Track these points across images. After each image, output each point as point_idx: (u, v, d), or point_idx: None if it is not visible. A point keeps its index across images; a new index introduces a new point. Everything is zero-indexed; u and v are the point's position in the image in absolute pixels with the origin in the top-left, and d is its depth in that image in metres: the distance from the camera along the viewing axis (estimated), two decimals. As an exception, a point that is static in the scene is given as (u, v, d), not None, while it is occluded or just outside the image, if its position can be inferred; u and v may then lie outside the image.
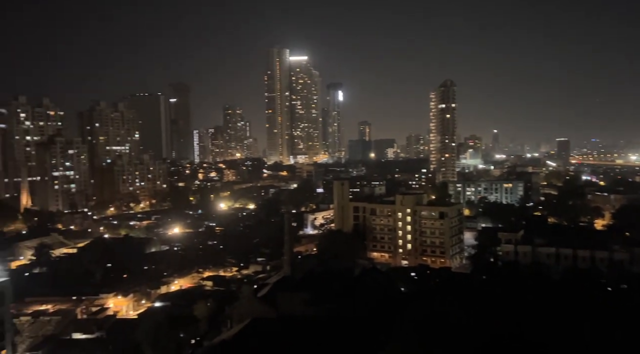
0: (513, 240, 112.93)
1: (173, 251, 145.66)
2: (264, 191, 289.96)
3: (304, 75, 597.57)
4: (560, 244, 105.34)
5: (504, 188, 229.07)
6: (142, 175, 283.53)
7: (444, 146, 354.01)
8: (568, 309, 57.54)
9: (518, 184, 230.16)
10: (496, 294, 68.15)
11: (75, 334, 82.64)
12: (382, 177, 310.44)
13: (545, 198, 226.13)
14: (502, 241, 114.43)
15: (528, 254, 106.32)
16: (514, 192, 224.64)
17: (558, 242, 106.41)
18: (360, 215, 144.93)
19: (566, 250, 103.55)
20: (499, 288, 73.43)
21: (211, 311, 78.62)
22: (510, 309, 58.21)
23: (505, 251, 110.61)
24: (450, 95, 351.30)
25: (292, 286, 78.70)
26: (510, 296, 64.79)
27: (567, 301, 62.47)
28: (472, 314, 56.20)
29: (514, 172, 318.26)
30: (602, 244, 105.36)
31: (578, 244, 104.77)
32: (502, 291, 69.82)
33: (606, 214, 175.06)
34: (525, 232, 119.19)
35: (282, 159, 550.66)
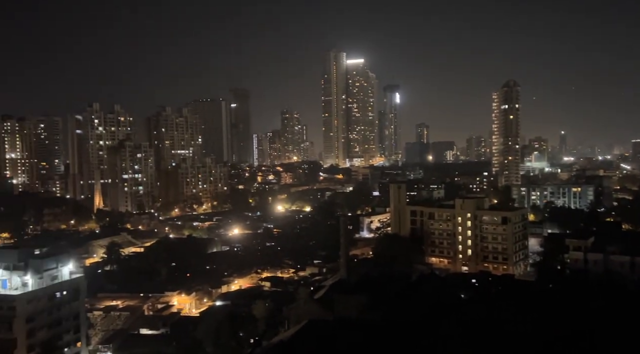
0: (582, 247, 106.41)
1: (233, 251, 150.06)
2: (320, 194, 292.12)
3: (361, 78, 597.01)
4: (635, 252, 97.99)
5: (572, 192, 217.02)
6: (205, 178, 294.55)
7: (507, 148, 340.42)
8: None
9: (588, 188, 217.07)
10: (563, 303, 64.69)
11: (143, 330, 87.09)
12: (440, 180, 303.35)
13: (619, 203, 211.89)
14: (570, 248, 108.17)
15: (599, 262, 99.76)
16: (584, 196, 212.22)
17: (633, 250, 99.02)
18: (417, 219, 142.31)
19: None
20: (567, 296, 69.63)
21: (269, 311, 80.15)
22: (579, 319, 55.09)
23: (574, 259, 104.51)
24: (514, 95, 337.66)
25: (348, 289, 78.77)
26: (579, 306, 61.31)
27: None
28: (535, 322, 53.74)
29: (583, 175, 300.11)
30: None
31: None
32: (570, 300, 66.16)
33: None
34: (595, 240, 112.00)
35: (338, 162, 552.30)
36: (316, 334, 58.25)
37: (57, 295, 72.45)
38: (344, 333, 56.34)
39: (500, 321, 54.63)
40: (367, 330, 55.76)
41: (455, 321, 54.89)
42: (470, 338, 51.08)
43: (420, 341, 51.65)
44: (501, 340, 48.69)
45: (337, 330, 57.75)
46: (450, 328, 53.00)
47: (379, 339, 53.39)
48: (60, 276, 74.18)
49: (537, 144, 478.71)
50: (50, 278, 72.63)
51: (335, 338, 55.72)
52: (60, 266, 74.91)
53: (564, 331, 51.02)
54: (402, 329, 55.12)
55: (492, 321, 55.09)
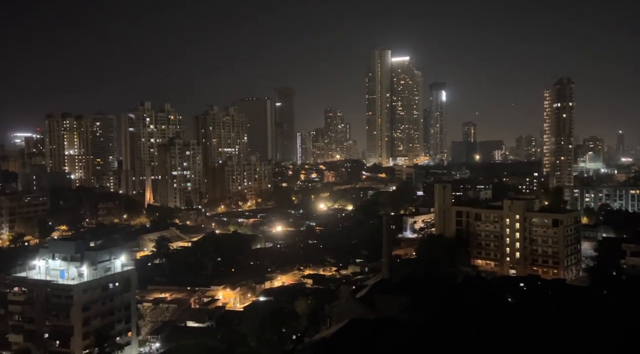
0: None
1: (276, 248, 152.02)
2: (362, 193, 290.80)
3: (406, 76, 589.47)
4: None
5: (630, 195, 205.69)
6: (250, 175, 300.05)
7: (559, 148, 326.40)
8: None
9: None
10: (619, 309, 61.44)
11: (189, 322, 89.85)
12: (488, 180, 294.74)
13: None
14: (628, 253, 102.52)
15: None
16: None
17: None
18: (463, 220, 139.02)
19: None
20: (623, 303, 66.07)
21: (311, 308, 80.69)
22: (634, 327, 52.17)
23: (631, 265, 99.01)
24: (567, 93, 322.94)
25: (390, 289, 78.06)
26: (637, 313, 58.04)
27: None
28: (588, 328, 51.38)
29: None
30: None
31: None
32: (627, 307, 62.73)
33: None
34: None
35: (381, 161, 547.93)
36: (357, 333, 58.16)
37: (110, 286, 76.08)
38: (386, 332, 55.94)
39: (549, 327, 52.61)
40: (409, 331, 55.12)
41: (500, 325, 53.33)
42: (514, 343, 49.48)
43: (462, 345, 50.52)
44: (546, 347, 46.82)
45: (378, 330, 57.41)
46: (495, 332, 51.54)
47: (421, 340, 52.65)
48: (113, 268, 77.79)
49: (592, 144, 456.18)
50: (103, 269, 76.32)
51: (377, 337, 55.43)
52: (113, 258, 78.54)
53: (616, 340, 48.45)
54: (444, 331, 54.12)
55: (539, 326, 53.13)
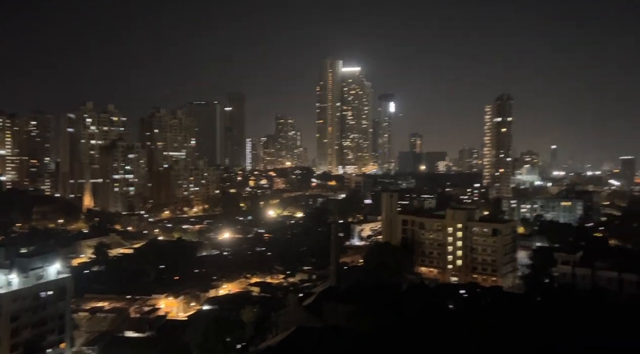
0: (571, 262, 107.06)
1: (222, 255, 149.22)
2: (312, 200, 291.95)
3: (356, 86, 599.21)
4: (623, 268, 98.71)
5: (562, 206, 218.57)
6: (197, 180, 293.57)
7: (499, 161, 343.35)
8: (629, 336, 53.94)
9: (577, 203, 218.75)
10: (551, 317, 64.95)
11: (128, 332, 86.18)
12: (432, 190, 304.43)
13: (607, 219, 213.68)
14: (559, 262, 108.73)
15: (587, 277, 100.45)
16: (573, 211, 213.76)
17: (621, 266, 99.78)
18: (408, 228, 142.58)
19: (630, 275, 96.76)
20: (555, 310, 69.94)
21: (257, 316, 79.65)
22: (567, 333, 55.36)
23: (562, 273, 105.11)
24: (507, 108, 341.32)
25: (338, 297, 78.60)
26: (567, 320, 61.60)
27: (628, 328, 58.60)
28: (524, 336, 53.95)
29: (573, 190, 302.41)
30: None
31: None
32: (558, 314, 66.45)
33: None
34: (584, 254, 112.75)
35: (331, 169, 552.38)
36: (304, 341, 57.99)
37: (42, 295, 71.66)
38: (332, 340, 56.14)
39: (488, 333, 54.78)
40: (355, 338, 55.61)
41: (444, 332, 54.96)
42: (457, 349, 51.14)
43: (407, 351, 51.58)
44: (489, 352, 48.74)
45: (325, 338, 57.51)
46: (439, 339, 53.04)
47: (367, 348, 53.25)
48: (46, 276, 73.40)
49: (529, 157, 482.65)
50: (36, 277, 71.84)
51: (323, 345, 55.48)
52: (47, 265, 74.11)
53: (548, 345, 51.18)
54: (390, 338, 55.03)
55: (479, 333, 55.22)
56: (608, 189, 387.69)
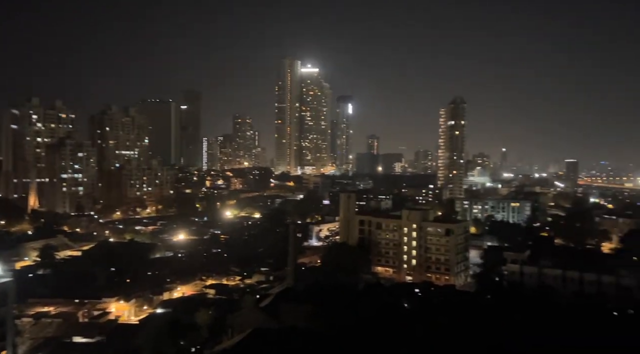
0: (519, 260, 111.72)
1: (177, 257, 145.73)
2: (270, 201, 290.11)
3: (315, 87, 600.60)
4: (567, 266, 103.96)
5: (511, 207, 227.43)
6: (150, 180, 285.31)
7: (452, 163, 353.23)
8: (572, 333, 56.72)
9: (525, 204, 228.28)
10: (500, 315, 67.33)
11: (76, 338, 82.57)
12: (389, 191, 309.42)
13: (553, 219, 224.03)
14: (508, 260, 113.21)
15: (534, 275, 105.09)
16: (521, 211, 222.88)
17: (565, 264, 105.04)
18: (366, 228, 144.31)
19: (573, 273, 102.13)
20: (504, 308, 72.57)
21: (213, 319, 78.27)
22: (514, 330, 57.50)
23: (511, 271, 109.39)
24: (460, 112, 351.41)
25: (295, 298, 78.37)
26: (515, 318, 64.00)
27: (572, 325, 61.61)
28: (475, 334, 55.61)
29: (522, 191, 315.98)
30: (609, 268, 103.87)
31: (585, 267, 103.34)
32: (507, 312, 68.97)
33: (614, 237, 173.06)
34: (531, 253, 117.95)
35: (289, 170, 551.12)
36: (260, 342, 57.44)
37: (-19, 300, 67.37)
38: (289, 341, 55.90)
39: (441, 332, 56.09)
40: (312, 339, 55.60)
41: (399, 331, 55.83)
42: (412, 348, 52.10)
43: (365, 351, 52.06)
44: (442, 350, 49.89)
45: (281, 339, 57.19)
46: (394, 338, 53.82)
47: (324, 348, 53.35)
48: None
49: (480, 159, 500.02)
50: (-26, 281, 67.54)
51: (280, 346, 55.15)
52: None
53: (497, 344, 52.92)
54: (347, 338, 55.38)
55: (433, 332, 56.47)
56: (554, 191, 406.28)
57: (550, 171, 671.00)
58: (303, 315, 64.14)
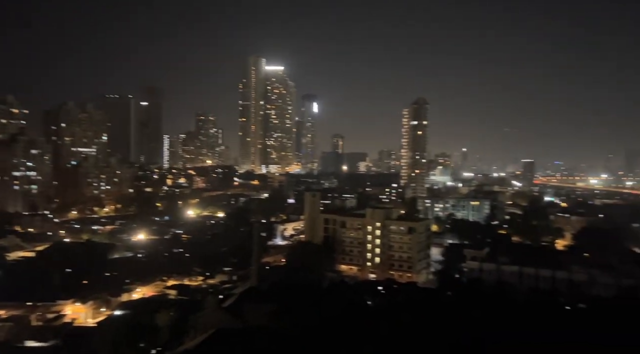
0: (478, 257, 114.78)
1: (137, 257, 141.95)
2: (234, 200, 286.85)
3: (280, 86, 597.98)
4: (523, 263, 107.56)
5: (471, 206, 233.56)
6: (108, 178, 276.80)
7: (415, 162, 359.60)
8: (528, 328, 58.61)
9: (484, 203, 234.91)
10: (460, 311, 68.91)
11: (29, 342, 79.32)
12: (353, 190, 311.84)
13: (510, 217, 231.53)
14: (468, 258, 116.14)
15: (492, 272, 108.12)
16: (481, 210, 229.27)
17: (521, 261, 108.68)
18: (330, 227, 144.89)
19: (529, 269, 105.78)
20: (464, 304, 74.34)
21: (174, 320, 76.63)
22: (474, 326, 58.95)
23: (471, 268, 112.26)
24: (422, 112, 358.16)
25: (259, 297, 77.75)
26: (474, 314, 65.64)
27: (528, 320, 63.73)
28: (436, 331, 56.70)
29: (481, 190, 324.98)
30: (563, 264, 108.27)
31: (540, 263, 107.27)
32: (467, 308, 70.67)
33: (567, 235, 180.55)
34: (490, 250, 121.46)
35: (254, 168, 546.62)
36: (223, 342, 56.67)
37: None
38: (253, 341, 55.39)
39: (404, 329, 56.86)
40: (276, 338, 55.27)
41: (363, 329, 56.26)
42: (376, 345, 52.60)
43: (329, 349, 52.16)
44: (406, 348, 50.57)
45: (245, 338, 56.60)
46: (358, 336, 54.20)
47: (289, 347, 53.13)
48: None
49: (442, 159, 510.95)
50: None
51: (244, 346, 54.56)
52: None
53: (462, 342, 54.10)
54: (311, 337, 55.35)
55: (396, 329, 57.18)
56: (511, 190, 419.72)
57: (508, 171, 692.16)
58: (267, 314, 63.68)
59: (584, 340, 53.61)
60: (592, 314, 73.98)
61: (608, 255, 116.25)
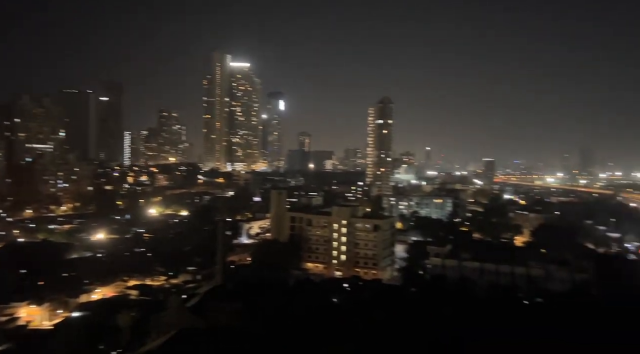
0: (441, 254, 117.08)
1: (96, 257, 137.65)
2: (198, 198, 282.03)
3: (245, 82, 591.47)
4: (484, 259, 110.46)
5: (434, 204, 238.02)
6: (66, 176, 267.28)
7: (380, 161, 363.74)
8: (489, 323, 60.16)
9: (447, 200, 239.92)
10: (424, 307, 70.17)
11: (-21, 347, 75.46)
12: (319, 188, 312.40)
13: (472, 215, 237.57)
14: (431, 254, 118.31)
15: (455, 268, 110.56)
16: (443, 207, 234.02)
17: (482, 257, 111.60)
18: (297, 225, 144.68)
19: (489, 265, 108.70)
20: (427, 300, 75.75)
21: (136, 321, 74.79)
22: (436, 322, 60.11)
23: (434, 265, 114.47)
24: (388, 112, 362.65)
25: (224, 296, 76.84)
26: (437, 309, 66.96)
27: (488, 315, 65.53)
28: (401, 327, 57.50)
29: (444, 188, 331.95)
30: (521, 260, 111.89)
31: (500, 259, 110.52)
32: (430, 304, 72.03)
33: (525, 231, 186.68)
34: (452, 247, 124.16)
35: (219, 166, 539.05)
36: (186, 343, 55.64)
37: None
38: (217, 341, 54.61)
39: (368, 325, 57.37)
40: (241, 338, 54.70)
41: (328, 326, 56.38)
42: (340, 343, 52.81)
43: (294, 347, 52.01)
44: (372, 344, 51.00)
45: (209, 338, 55.75)
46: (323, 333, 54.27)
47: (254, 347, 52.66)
48: None
49: (406, 158, 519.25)
50: None
51: (207, 346, 53.73)
52: None
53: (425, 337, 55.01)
54: (276, 336, 55.06)
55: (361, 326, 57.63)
56: (473, 188, 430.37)
57: (469, 169, 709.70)
58: (231, 314, 63.01)
59: (542, 335, 55.39)
60: (549, 309, 76.80)
61: (563, 251, 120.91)
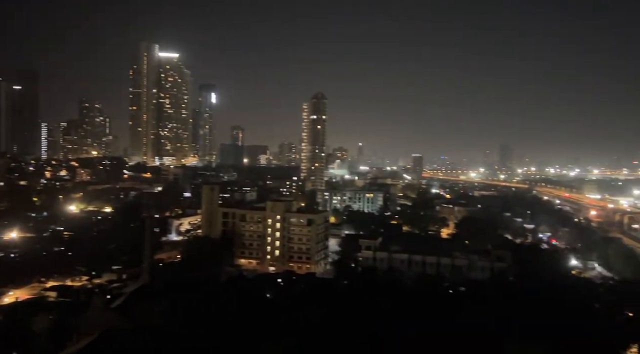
0: (372, 247, 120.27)
1: (9, 258, 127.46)
2: (123, 194, 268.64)
3: (174, 74, 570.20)
4: (412, 251, 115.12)
5: (366, 198, 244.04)
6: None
7: (314, 156, 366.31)
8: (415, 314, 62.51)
9: (378, 195, 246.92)
10: (355, 299, 71.69)
11: None
12: (253, 183, 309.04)
13: (401, 208, 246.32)
14: (363, 247, 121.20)
15: (385, 260, 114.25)
16: (375, 202, 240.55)
17: (410, 249, 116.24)
18: (229, 221, 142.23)
19: (417, 256, 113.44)
20: (358, 292, 77.49)
21: (54, 324, 70.12)
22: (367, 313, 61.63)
23: (365, 257, 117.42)
24: (321, 107, 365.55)
25: (151, 296, 74.04)
26: (367, 301, 68.68)
27: (416, 304, 68.23)
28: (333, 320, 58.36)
29: (375, 183, 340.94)
30: (446, 251, 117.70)
31: (427, 251, 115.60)
32: (361, 296, 73.72)
33: (451, 224, 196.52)
34: (383, 240, 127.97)
35: (146, 160, 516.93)
36: (111, 345, 52.95)
37: None
38: (143, 341, 52.44)
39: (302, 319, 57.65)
40: (168, 338, 52.96)
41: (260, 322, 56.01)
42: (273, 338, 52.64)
43: (227, 345, 51.16)
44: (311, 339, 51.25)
45: (135, 339, 53.40)
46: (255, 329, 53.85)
47: (182, 346, 51.18)
48: None
49: (340, 153, 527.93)
50: None
51: (134, 347, 51.48)
52: None
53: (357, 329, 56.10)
54: (209, 334, 53.86)
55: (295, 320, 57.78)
56: (402, 183, 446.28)
57: (399, 165, 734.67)
58: (159, 313, 60.78)
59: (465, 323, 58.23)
60: (470, 296, 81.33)
61: (484, 242, 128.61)
